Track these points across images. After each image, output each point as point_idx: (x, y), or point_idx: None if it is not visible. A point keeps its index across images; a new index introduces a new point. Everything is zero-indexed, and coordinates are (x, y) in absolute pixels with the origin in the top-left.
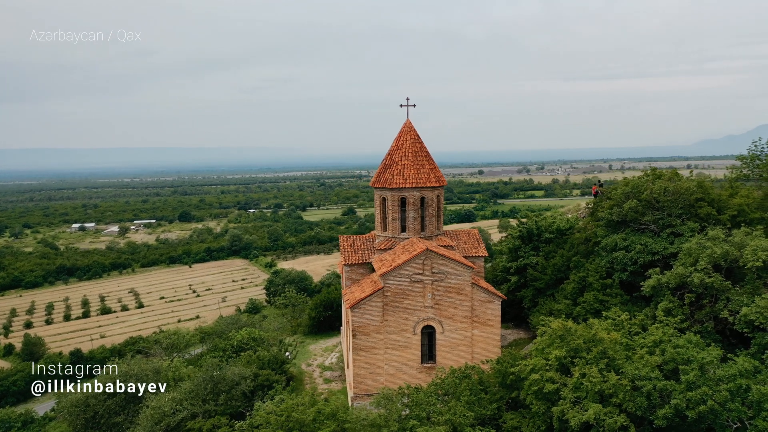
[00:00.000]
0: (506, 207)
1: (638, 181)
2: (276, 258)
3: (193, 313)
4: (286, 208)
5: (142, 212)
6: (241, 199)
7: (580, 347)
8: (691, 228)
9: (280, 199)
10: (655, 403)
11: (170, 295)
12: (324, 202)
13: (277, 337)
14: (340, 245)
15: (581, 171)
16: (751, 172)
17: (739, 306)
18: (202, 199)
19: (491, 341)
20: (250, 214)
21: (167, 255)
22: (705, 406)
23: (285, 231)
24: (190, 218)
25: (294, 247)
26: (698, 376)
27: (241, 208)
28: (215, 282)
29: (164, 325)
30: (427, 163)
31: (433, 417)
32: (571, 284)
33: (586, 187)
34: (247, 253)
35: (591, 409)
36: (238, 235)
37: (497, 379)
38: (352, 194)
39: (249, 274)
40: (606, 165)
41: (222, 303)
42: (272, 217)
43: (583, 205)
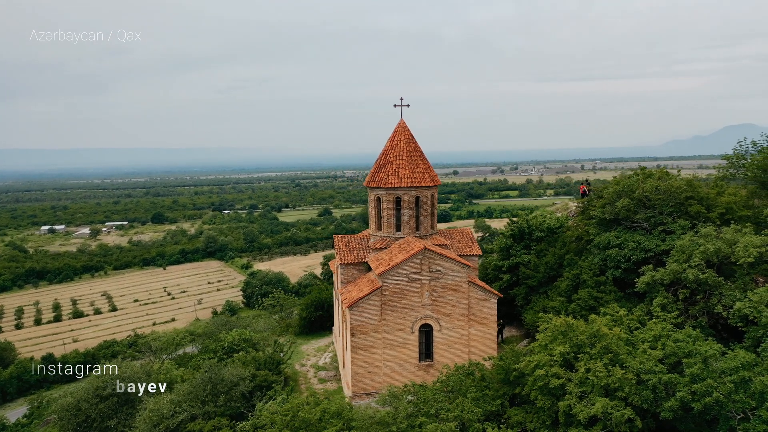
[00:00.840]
0: (481, 207)
1: (629, 180)
2: (252, 259)
3: (169, 316)
4: (262, 209)
5: (114, 214)
6: (216, 200)
7: (584, 343)
8: (682, 226)
9: (255, 200)
10: (660, 396)
11: (144, 297)
12: (299, 202)
13: (267, 337)
14: (335, 245)
15: (554, 171)
16: (737, 171)
17: (732, 301)
18: (176, 201)
19: (488, 339)
20: (224, 215)
21: (141, 257)
22: (711, 398)
23: (261, 232)
24: (163, 220)
25: (270, 249)
26: (702, 369)
27: (215, 209)
28: (190, 284)
29: (139, 328)
30: (422, 162)
31: (442, 414)
32: (565, 281)
33: (560, 187)
34: (223, 255)
35: (598, 402)
36: (213, 237)
37: (500, 375)
38: (328, 195)
39: (225, 276)
40: (578, 165)
41: (198, 305)
42: (247, 218)
43: (572, 205)
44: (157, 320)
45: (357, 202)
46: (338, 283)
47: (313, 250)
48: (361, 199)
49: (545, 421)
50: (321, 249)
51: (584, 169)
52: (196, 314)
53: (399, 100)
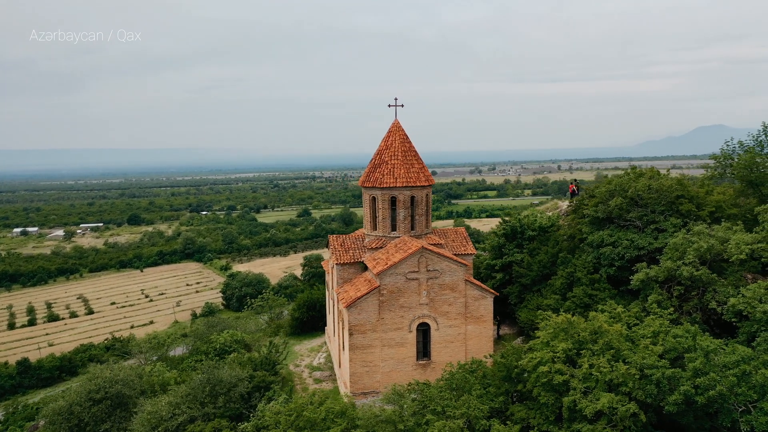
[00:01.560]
0: (460, 207)
1: (621, 179)
2: (231, 261)
3: (147, 319)
4: (240, 209)
5: (89, 215)
6: (193, 201)
7: (585, 339)
8: (673, 224)
9: (233, 201)
10: (664, 390)
11: (122, 300)
12: (278, 203)
13: (259, 338)
14: (330, 245)
15: (531, 171)
16: (724, 170)
17: (725, 297)
18: (152, 202)
19: (484, 337)
20: (202, 217)
21: (117, 259)
22: (714, 391)
23: (239, 233)
24: (139, 221)
25: (249, 250)
26: (704, 363)
27: (193, 211)
28: (168, 286)
29: (116, 331)
30: (416, 162)
31: (448, 411)
32: (559, 279)
33: (537, 187)
34: (201, 256)
35: (604, 398)
36: (192, 238)
37: (501, 373)
38: (307, 195)
39: (204, 278)
40: (555, 165)
41: (177, 307)
42: (226, 219)
43: (562, 204)
44: (134, 323)
45: (336, 203)
46: (333, 282)
47: (292, 251)
48: (340, 200)
49: (549, 417)
50: (301, 250)
51: (561, 169)
52: (175, 316)
53: (393, 100)
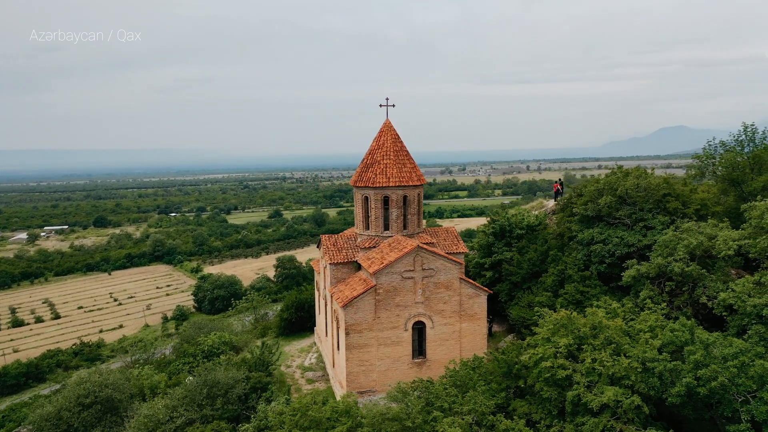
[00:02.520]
0: (432, 207)
1: (609, 178)
2: (202, 263)
3: (116, 323)
4: (210, 211)
5: (53, 218)
6: (161, 202)
7: (586, 334)
8: (661, 221)
9: (203, 203)
10: (667, 382)
11: (89, 304)
12: (249, 204)
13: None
14: (323, 244)
15: (501, 172)
16: (707, 169)
17: (715, 292)
18: (119, 204)
19: (478, 334)
20: (171, 218)
21: (84, 262)
22: (716, 382)
23: (210, 235)
24: (106, 223)
25: (220, 252)
26: (704, 355)
27: (161, 212)
28: (138, 289)
29: (85, 336)
30: (408, 162)
31: (455, 407)
32: (550, 277)
33: (507, 187)
34: (171, 259)
35: (609, 391)
36: (161, 240)
37: (502, 369)
38: (278, 196)
39: (174, 280)
40: (524, 166)
41: (147, 311)
42: (195, 221)
43: (548, 203)
44: (104, 327)
45: (307, 204)
46: (326, 282)
47: (264, 253)
48: (312, 201)
49: (551, 411)
50: (273, 251)
51: (530, 169)
52: (146, 320)
53: (384, 100)
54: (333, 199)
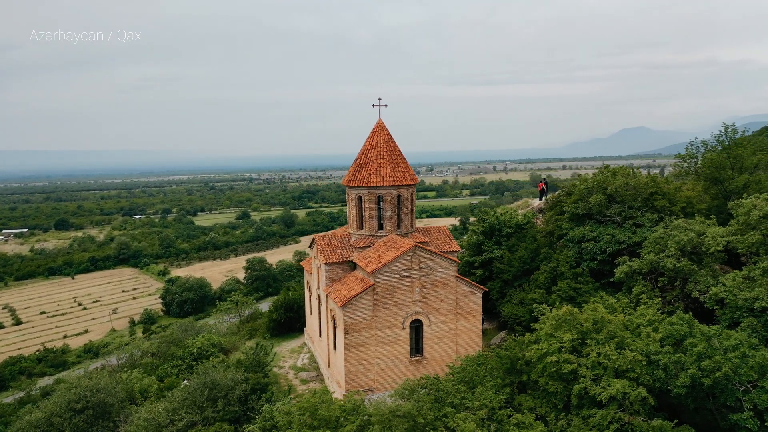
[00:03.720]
0: None
1: (598, 177)
2: (169, 265)
3: (81, 328)
4: (176, 213)
5: (11, 221)
6: (125, 204)
7: (589, 329)
8: (650, 219)
9: (168, 204)
10: (671, 374)
11: (52, 309)
12: (216, 206)
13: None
14: (317, 244)
15: (468, 172)
16: (690, 168)
17: (706, 286)
18: (80, 206)
19: (474, 332)
20: (136, 221)
21: (45, 266)
22: (720, 373)
23: (177, 237)
24: (68, 226)
25: (188, 254)
26: (707, 347)
27: (125, 214)
28: (103, 293)
29: (48, 342)
30: (402, 161)
31: (466, 403)
32: (543, 274)
33: (475, 187)
34: (137, 262)
35: (617, 384)
36: (126, 243)
37: (505, 365)
38: (245, 198)
39: (140, 284)
40: (490, 166)
41: (113, 315)
42: (161, 223)
43: (533, 202)
44: (68, 332)
45: (276, 205)
46: (320, 282)
47: (233, 255)
48: (280, 202)
49: (557, 405)
50: (242, 253)
51: (496, 170)
52: (112, 324)
53: (377, 100)
54: (302, 200)
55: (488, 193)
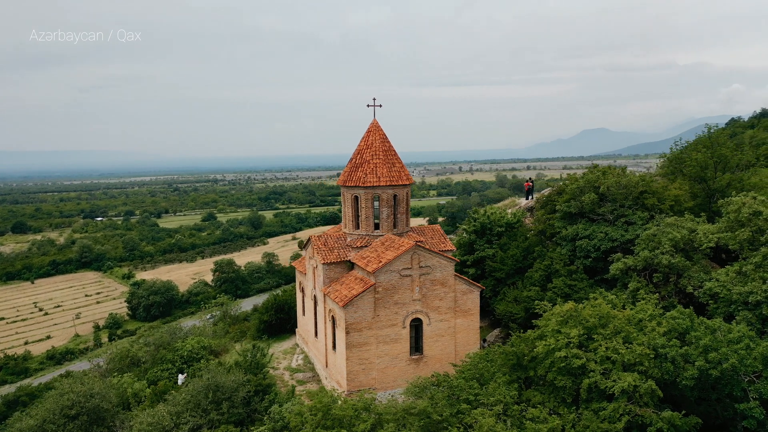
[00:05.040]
0: None
1: (589, 176)
2: (134, 268)
3: (43, 333)
4: (139, 215)
5: None
6: (85, 206)
7: (595, 325)
8: (641, 217)
9: (131, 206)
10: (679, 367)
11: (11, 315)
12: (180, 207)
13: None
14: (313, 245)
15: (434, 173)
16: (677, 167)
17: (700, 281)
18: (38, 208)
19: (471, 330)
20: (98, 223)
21: (3, 270)
22: (727, 364)
23: (141, 239)
24: (25, 229)
25: (153, 256)
26: (712, 340)
27: (86, 217)
28: (65, 298)
29: (8, 348)
30: (397, 161)
31: (481, 398)
32: (537, 272)
33: (442, 188)
34: (100, 265)
35: (628, 377)
36: (88, 246)
37: (512, 360)
38: (211, 199)
39: (104, 288)
40: (456, 167)
41: (77, 320)
42: (124, 225)
43: (520, 201)
44: (29, 339)
45: (242, 206)
46: (316, 282)
47: (200, 257)
48: (247, 203)
49: (566, 399)
50: (209, 255)
51: (462, 170)
52: (75, 330)
53: (372, 100)
54: (268, 201)
55: (455, 194)
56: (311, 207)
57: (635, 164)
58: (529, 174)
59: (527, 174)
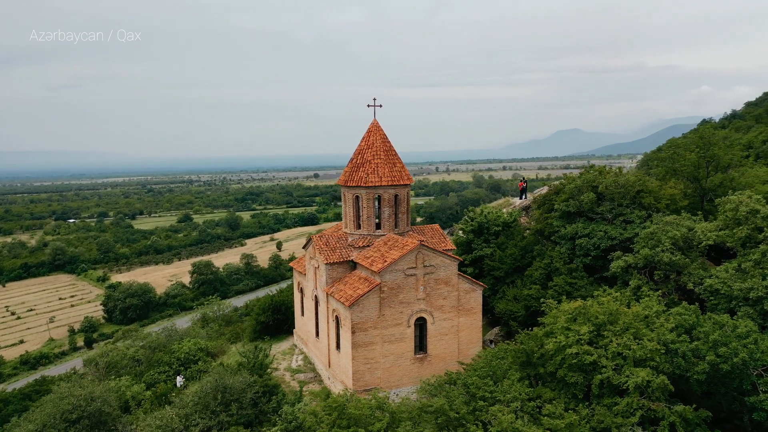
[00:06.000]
0: None
1: (587, 176)
2: (109, 271)
3: (16, 338)
4: (113, 216)
5: None
6: (57, 208)
7: (604, 321)
8: (638, 215)
9: (104, 207)
10: (690, 362)
11: None
12: (155, 209)
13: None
14: (315, 245)
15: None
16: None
17: (699, 278)
18: (8, 210)
19: (474, 328)
20: (71, 225)
21: None
22: (738, 358)
23: (116, 241)
24: None
25: (128, 259)
26: (722, 335)
27: (58, 219)
28: (38, 301)
29: None
30: (398, 161)
31: (497, 396)
32: (537, 270)
33: (419, 188)
34: (74, 268)
35: (642, 372)
36: (61, 248)
37: (521, 358)
38: (186, 200)
39: (78, 291)
40: (433, 167)
41: (51, 324)
42: (98, 227)
43: (514, 201)
44: (1, 343)
45: (218, 207)
46: (318, 282)
47: (177, 258)
48: (223, 204)
49: (577, 395)
50: (185, 257)
51: (439, 171)
52: (50, 334)
53: (372, 100)
54: (245, 202)
55: (433, 194)
56: (289, 208)
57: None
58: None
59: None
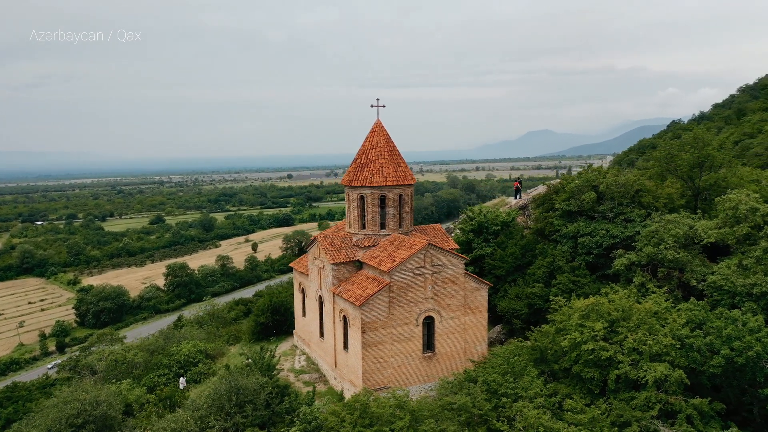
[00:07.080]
0: (322, 210)
1: (587, 176)
2: (80, 274)
3: None
4: (83, 218)
5: None
6: (23, 210)
7: (617, 318)
8: (638, 214)
9: (73, 209)
10: (705, 356)
11: None
12: (126, 210)
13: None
14: (320, 245)
15: None
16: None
17: (702, 275)
18: None
19: (480, 327)
20: (38, 227)
21: None
22: (752, 352)
23: (86, 244)
24: None
25: (100, 261)
26: (735, 329)
27: (25, 221)
28: (6, 305)
29: None
30: (402, 161)
31: (519, 392)
32: (540, 269)
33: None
34: (43, 271)
35: (660, 367)
36: (29, 251)
37: (535, 354)
38: (158, 201)
39: (48, 294)
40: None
41: (20, 329)
42: (67, 229)
43: (510, 200)
44: None
45: (191, 209)
46: (323, 282)
47: (149, 261)
48: (196, 205)
49: (593, 390)
50: (159, 259)
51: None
52: (20, 338)
53: (375, 100)
54: (219, 203)
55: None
56: (263, 209)
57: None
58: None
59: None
